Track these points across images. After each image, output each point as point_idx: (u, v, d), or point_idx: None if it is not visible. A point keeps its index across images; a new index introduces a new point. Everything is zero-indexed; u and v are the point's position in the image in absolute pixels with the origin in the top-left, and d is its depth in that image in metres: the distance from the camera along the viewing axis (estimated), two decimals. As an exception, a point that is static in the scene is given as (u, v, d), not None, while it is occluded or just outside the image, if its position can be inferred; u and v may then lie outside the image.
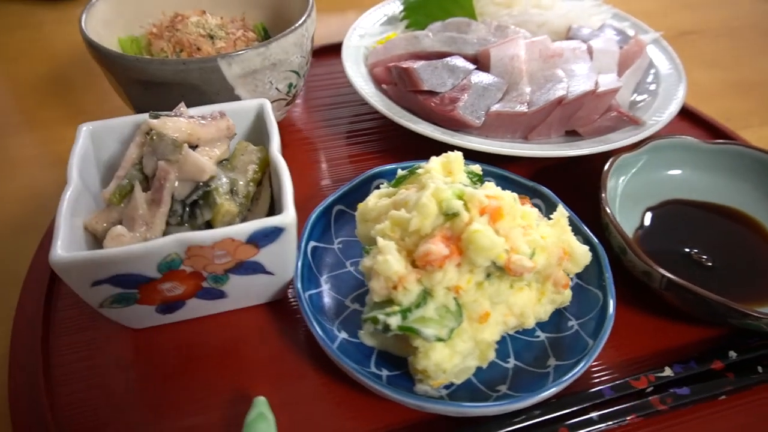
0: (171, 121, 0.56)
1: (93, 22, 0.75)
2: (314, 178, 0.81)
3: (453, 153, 0.60)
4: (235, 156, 0.61)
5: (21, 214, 0.77)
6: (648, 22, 1.00)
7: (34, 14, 1.25)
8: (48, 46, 1.14)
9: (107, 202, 0.55)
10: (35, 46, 1.14)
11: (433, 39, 0.84)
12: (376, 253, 0.54)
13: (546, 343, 0.58)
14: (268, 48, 0.68)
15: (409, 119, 0.76)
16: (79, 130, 0.61)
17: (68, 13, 1.25)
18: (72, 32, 1.22)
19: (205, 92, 0.68)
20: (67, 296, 0.64)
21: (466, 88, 0.75)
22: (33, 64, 1.08)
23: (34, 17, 1.24)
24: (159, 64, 0.64)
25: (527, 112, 0.73)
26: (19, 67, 1.08)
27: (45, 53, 1.12)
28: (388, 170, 0.72)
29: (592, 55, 0.81)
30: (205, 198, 0.55)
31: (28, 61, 1.09)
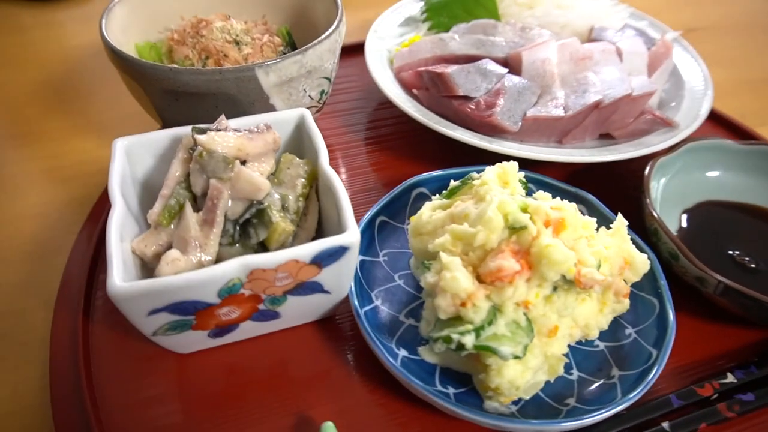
0: (219, 136, 0.53)
1: (111, 28, 0.71)
2: (345, 186, 0.79)
3: (508, 163, 0.59)
4: (281, 170, 0.59)
5: (37, 233, 0.73)
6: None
7: (17, 17, 1.18)
8: (39, 51, 1.08)
9: (155, 223, 0.53)
10: (25, 52, 1.08)
11: (460, 42, 0.82)
12: (440, 269, 0.52)
13: (606, 353, 0.58)
14: (304, 55, 0.65)
15: (446, 125, 0.74)
16: (114, 146, 0.58)
17: (55, 16, 1.19)
18: (62, 35, 1.17)
19: (240, 102, 0.65)
20: (102, 321, 0.61)
21: (501, 92, 0.74)
22: (25, 72, 1.02)
23: (18, 20, 1.17)
24: (194, 74, 0.61)
25: (564, 116, 0.73)
26: (11, 74, 1.02)
27: (36, 59, 1.06)
28: (427, 179, 0.70)
29: (621, 56, 0.81)
30: (259, 216, 0.53)
31: (20, 68, 1.03)
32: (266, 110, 0.67)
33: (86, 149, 0.86)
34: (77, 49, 1.09)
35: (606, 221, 0.66)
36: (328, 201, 0.58)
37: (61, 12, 1.20)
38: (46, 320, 0.63)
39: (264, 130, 0.57)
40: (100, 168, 0.82)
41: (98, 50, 1.10)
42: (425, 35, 0.90)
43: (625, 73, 0.78)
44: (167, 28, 0.82)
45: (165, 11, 0.80)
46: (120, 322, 0.61)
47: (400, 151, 0.84)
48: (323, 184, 0.58)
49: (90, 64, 1.05)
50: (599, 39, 0.87)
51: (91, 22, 1.19)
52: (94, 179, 0.80)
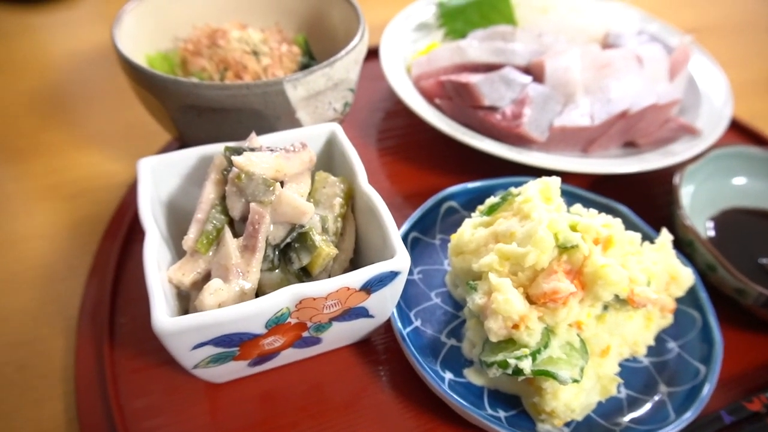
0: (256, 157, 0.51)
1: (121, 38, 0.67)
2: None
3: (551, 179, 0.58)
4: (316, 189, 0.56)
5: (45, 255, 0.69)
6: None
7: (11, 20, 1.12)
8: (26, 59, 1.03)
9: (191, 250, 0.50)
10: (12, 59, 1.03)
11: (479, 49, 0.81)
12: (488, 290, 0.51)
13: (651, 369, 0.57)
14: (332, 68, 0.63)
15: (472, 136, 0.73)
16: (140, 168, 0.55)
17: (38, 20, 1.13)
18: (49, 41, 1.11)
19: (265, 117, 0.62)
20: (128, 351, 0.58)
21: (526, 102, 0.73)
22: (15, 81, 0.97)
23: (13, 23, 1.11)
24: (219, 89, 0.59)
25: (592, 126, 0.72)
26: (8, 81, 0.97)
27: (25, 67, 1.01)
28: (457, 192, 0.69)
29: (641, 63, 0.80)
30: (301, 240, 0.51)
31: (8, 77, 0.98)
32: (292, 125, 0.65)
33: (89, 163, 0.82)
34: (67, 57, 1.04)
35: (638, 232, 0.65)
36: (366, 220, 0.56)
37: (44, 16, 1.14)
38: (65, 349, 0.60)
39: (300, 149, 0.54)
40: (106, 184, 0.78)
41: (91, 57, 1.06)
42: (441, 42, 0.88)
43: (647, 81, 0.78)
44: (177, 38, 0.78)
45: (174, 20, 0.77)
46: (148, 351, 0.58)
47: (419, 161, 0.82)
48: (361, 204, 0.56)
49: (84, 71, 1.00)
50: (616, 44, 0.86)
51: (78, 26, 1.15)
52: (101, 196, 0.76)
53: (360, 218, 0.57)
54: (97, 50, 1.06)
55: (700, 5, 1.35)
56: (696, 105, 0.82)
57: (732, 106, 0.81)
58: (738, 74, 1.10)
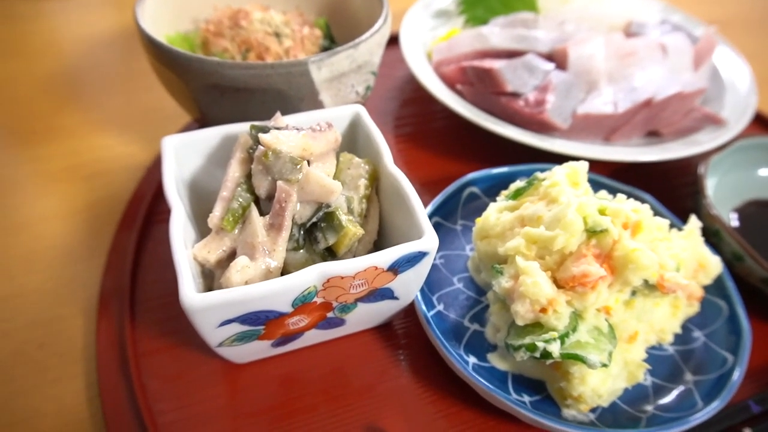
0: (284, 135, 0.50)
1: (144, 19, 0.67)
2: None
3: (578, 163, 0.57)
4: (341, 170, 0.56)
5: (64, 235, 0.68)
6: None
7: (15, 6, 1.11)
8: (45, 42, 1.02)
9: (217, 228, 0.49)
10: (31, 43, 1.02)
11: (501, 36, 0.80)
12: (515, 273, 0.50)
13: (677, 357, 0.56)
14: (356, 49, 0.62)
15: (494, 122, 0.72)
16: (164, 145, 0.54)
17: (53, 6, 1.13)
18: (66, 24, 1.11)
19: (288, 98, 0.62)
20: (149, 330, 0.58)
21: (549, 88, 0.72)
22: (34, 64, 0.97)
23: (17, 10, 1.11)
24: (244, 68, 0.58)
25: (615, 114, 0.71)
26: (19, 67, 0.96)
27: (43, 50, 1.00)
28: (479, 178, 0.68)
29: (665, 52, 0.79)
30: (328, 220, 0.50)
31: (27, 60, 0.98)
32: (314, 106, 0.64)
33: (106, 146, 0.81)
34: (82, 41, 1.03)
35: (663, 221, 0.65)
36: (390, 202, 0.55)
37: (58, 1, 1.14)
38: (85, 328, 0.59)
39: (326, 128, 0.54)
40: (123, 165, 0.78)
41: (106, 40, 1.05)
42: (462, 29, 0.87)
43: (671, 70, 0.77)
44: (196, 19, 0.78)
45: (195, 1, 0.76)
46: (168, 332, 0.58)
47: (437, 148, 0.82)
48: (386, 185, 0.55)
49: (98, 56, 1.00)
50: (639, 34, 0.85)
51: (93, 9, 1.15)
52: (118, 177, 0.76)
53: (384, 200, 0.57)
54: (113, 34, 1.06)
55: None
56: (720, 95, 0.81)
57: (757, 97, 0.80)
58: (762, 67, 1.09)
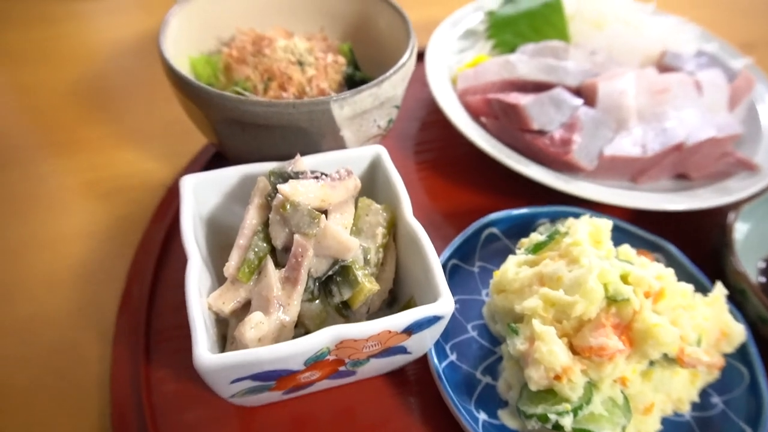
0: (302, 186, 0.50)
1: (167, 42, 0.66)
2: None
3: (601, 221, 0.55)
4: (358, 216, 0.55)
5: (84, 255, 0.69)
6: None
7: (46, 6, 1.11)
8: (70, 47, 1.02)
9: (232, 278, 0.49)
10: (57, 48, 1.02)
11: (529, 66, 0.78)
12: (531, 336, 0.50)
13: (693, 424, 0.55)
14: (380, 87, 0.61)
15: (517, 160, 0.70)
16: (183, 186, 0.54)
17: (84, 6, 1.12)
18: (94, 29, 1.11)
19: (310, 134, 0.61)
20: (165, 365, 0.58)
21: (576, 127, 0.70)
22: (58, 71, 0.97)
23: (48, 11, 1.10)
24: (266, 106, 0.57)
25: (644, 157, 0.69)
26: (43, 73, 0.97)
27: (68, 56, 1.00)
28: (499, 219, 0.67)
29: (700, 89, 0.76)
30: (344, 275, 0.50)
31: (52, 67, 0.98)
32: (335, 142, 0.63)
33: (126, 161, 0.82)
34: (110, 45, 1.03)
35: (686, 274, 0.63)
36: (408, 251, 0.55)
37: (93, 3, 1.13)
38: (102, 357, 0.60)
39: (345, 176, 0.53)
40: (144, 183, 0.78)
41: (132, 47, 1.05)
42: (489, 54, 0.85)
43: (705, 110, 0.74)
44: (221, 38, 0.77)
45: (219, 21, 0.75)
46: (184, 365, 0.58)
47: (459, 177, 0.80)
48: (404, 234, 0.55)
49: (124, 62, 1.00)
50: (672, 65, 0.82)
51: (122, 13, 1.14)
52: (139, 195, 0.76)
53: (402, 248, 0.56)
54: (140, 39, 1.06)
55: (754, 16, 1.29)
56: (756, 138, 0.78)
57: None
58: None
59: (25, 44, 1.02)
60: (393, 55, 0.73)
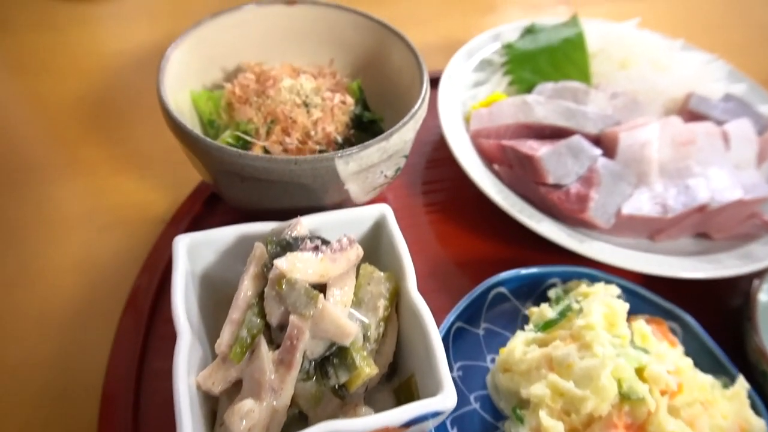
0: (301, 261, 0.47)
1: (168, 77, 0.63)
2: None
3: (617, 303, 0.52)
4: (360, 285, 0.52)
5: (77, 292, 0.67)
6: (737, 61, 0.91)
7: (53, 11, 1.08)
8: (76, 56, 0.99)
9: (224, 355, 0.47)
10: (62, 56, 0.99)
11: (547, 108, 0.74)
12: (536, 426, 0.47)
13: None
14: (388, 141, 0.58)
15: (530, 215, 0.67)
16: (176, 248, 0.52)
17: (92, 12, 1.09)
18: (101, 37, 1.07)
19: (312, 190, 0.58)
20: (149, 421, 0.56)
21: (594, 181, 0.67)
22: (63, 81, 0.94)
23: (55, 16, 1.07)
24: (266, 162, 0.54)
25: (664, 218, 0.65)
26: (48, 83, 0.94)
27: (74, 66, 0.97)
28: (508, 278, 0.64)
29: (727, 141, 0.72)
30: (341, 356, 0.47)
31: (57, 77, 0.95)
32: (339, 195, 0.60)
33: (127, 189, 0.79)
34: (116, 56, 1.00)
35: (703, 349, 0.60)
36: (410, 326, 0.52)
37: (98, 7, 1.10)
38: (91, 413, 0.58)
39: (347, 246, 0.50)
40: (143, 215, 0.75)
41: (136, 58, 1.02)
42: (505, 91, 0.81)
43: (732, 166, 0.70)
44: (225, 70, 0.73)
45: (224, 52, 0.72)
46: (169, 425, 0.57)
47: (469, 222, 0.75)
48: (407, 309, 0.52)
49: (130, 77, 0.97)
50: (698, 111, 0.78)
51: (130, 21, 1.11)
52: (135, 229, 0.74)
53: (404, 320, 0.53)
54: (144, 51, 1.02)
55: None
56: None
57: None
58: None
59: (28, 52, 0.99)
60: (404, 96, 0.70)
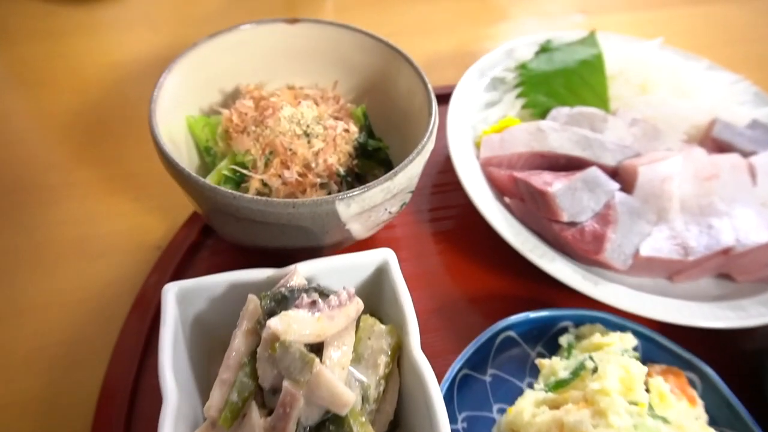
0: (296, 322, 0.44)
1: (162, 106, 0.60)
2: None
3: (635, 366, 0.49)
4: (360, 339, 0.49)
5: (66, 328, 0.64)
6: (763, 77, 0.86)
7: (54, 16, 1.05)
8: (75, 66, 0.96)
9: (213, 421, 0.44)
10: (60, 65, 0.96)
11: (562, 136, 0.70)
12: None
13: None
14: (393, 181, 0.54)
15: (542, 253, 0.63)
16: (165, 298, 0.49)
17: (93, 16, 1.06)
18: (100, 45, 1.03)
19: (312, 231, 0.55)
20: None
21: (611, 219, 0.63)
22: (63, 92, 0.91)
23: (55, 21, 1.04)
24: (262, 205, 0.51)
25: (685, 260, 0.62)
26: (45, 95, 0.91)
27: (72, 77, 0.94)
28: (515, 323, 0.60)
29: (754, 177, 0.68)
30: (337, 424, 0.44)
31: (54, 89, 0.92)
32: (341, 234, 0.57)
33: (122, 213, 0.76)
34: (116, 67, 0.97)
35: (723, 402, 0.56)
36: (412, 384, 0.49)
37: (98, 12, 1.07)
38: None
39: (346, 301, 0.47)
40: (136, 241, 0.72)
41: (138, 71, 0.98)
42: (518, 115, 0.77)
43: (759, 204, 0.66)
44: (224, 92, 0.70)
45: (221, 74, 0.68)
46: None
47: (479, 253, 0.72)
48: (409, 366, 0.49)
49: (129, 90, 0.93)
50: (723, 139, 0.74)
51: (131, 28, 1.07)
52: (130, 258, 0.70)
53: (405, 376, 0.50)
54: (143, 60, 0.99)
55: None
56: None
57: None
58: None
59: (24, 62, 0.96)
60: (411, 123, 0.66)
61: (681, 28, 1.20)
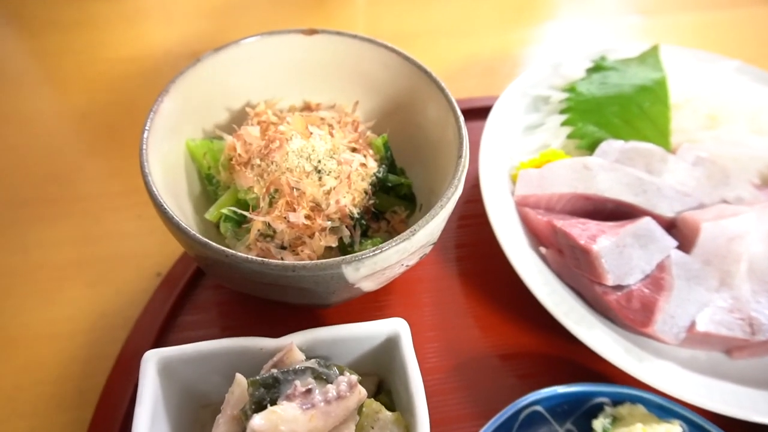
0: (285, 423, 0.37)
1: (157, 130, 0.54)
2: (429, 363, 0.60)
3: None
4: (362, 426, 0.43)
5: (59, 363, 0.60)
6: None
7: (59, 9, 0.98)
8: (79, 64, 0.89)
9: None
10: (71, 63, 0.89)
11: (612, 178, 0.61)
12: None
13: None
14: (411, 240, 0.47)
15: (579, 318, 0.55)
16: (144, 369, 0.43)
17: (99, 9, 0.99)
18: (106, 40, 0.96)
19: (316, 292, 0.48)
20: None
21: (664, 285, 0.54)
22: (69, 94, 0.86)
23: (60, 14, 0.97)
24: (258, 265, 0.44)
25: (750, 340, 0.53)
26: (48, 96, 0.85)
27: (82, 76, 0.88)
28: (543, 398, 0.53)
29: (840, 238, 0.58)
30: None
31: (60, 88, 0.87)
32: (349, 294, 0.51)
33: (123, 233, 0.71)
34: (125, 63, 0.91)
35: None
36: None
37: (105, 4, 1.00)
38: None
39: (346, 393, 0.40)
40: (135, 267, 0.67)
41: (148, 68, 0.92)
42: (562, 146, 0.68)
43: (844, 273, 0.56)
44: (231, 110, 0.63)
45: (228, 91, 0.62)
46: None
47: (511, 302, 0.63)
48: (417, 466, 0.42)
49: (138, 89, 0.87)
50: (802, 186, 0.63)
51: (143, 20, 1.00)
52: (128, 286, 0.65)
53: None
54: (155, 57, 0.93)
55: None
56: None
57: None
58: None
59: (29, 58, 0.91)
60: (437, 157, 0.59)
61: (755, 33, 1.06)
